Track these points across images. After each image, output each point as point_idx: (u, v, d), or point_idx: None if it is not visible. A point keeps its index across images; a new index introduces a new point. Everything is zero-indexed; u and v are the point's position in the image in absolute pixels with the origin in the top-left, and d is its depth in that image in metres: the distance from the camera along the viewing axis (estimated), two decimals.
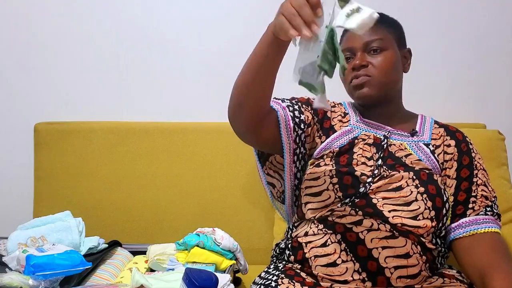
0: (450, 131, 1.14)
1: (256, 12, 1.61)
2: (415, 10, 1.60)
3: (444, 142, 1.11)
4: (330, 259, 0.98)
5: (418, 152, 1.08)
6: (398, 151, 1.07)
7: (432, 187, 1.01)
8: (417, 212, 0.99)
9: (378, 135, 1.10)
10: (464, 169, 1.08)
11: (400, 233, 0.97)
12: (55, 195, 1.56)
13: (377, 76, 1.08)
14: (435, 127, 1.15)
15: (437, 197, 1.01)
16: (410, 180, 1.02)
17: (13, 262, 1.09)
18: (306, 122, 1.10)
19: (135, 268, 1.05)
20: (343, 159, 1.07)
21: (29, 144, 1.62)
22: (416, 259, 0.97)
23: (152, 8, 1.63)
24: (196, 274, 0.91)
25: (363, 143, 1.09)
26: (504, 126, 1.50)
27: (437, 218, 1.00)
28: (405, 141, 1.10)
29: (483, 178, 1.08)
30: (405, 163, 1.05)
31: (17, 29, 1.66)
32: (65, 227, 1.23)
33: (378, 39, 1.09)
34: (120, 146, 1.55)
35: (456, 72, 1.62)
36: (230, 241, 1.18)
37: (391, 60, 1.09)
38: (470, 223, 1.02)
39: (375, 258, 0.96)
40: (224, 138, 1.53)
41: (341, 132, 1.13)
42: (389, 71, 1.09)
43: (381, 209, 0.99)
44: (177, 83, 1.66)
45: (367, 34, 1.07)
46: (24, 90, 1.68)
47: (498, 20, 1.60)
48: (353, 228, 0.99)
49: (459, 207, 1.04)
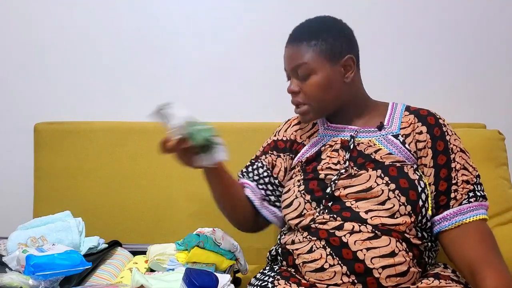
0: (421, 116, 1.07)
1: (256, 12, 1.62)
2: (415, 10, 1.60)
3: (415, 130, 1.05)
4: (317, 264, 0.98)
5: (388, 146, 1.05)
6: (367, 149, 1.05)
7: (404, 181, 0.99)
8: (393, 210, 0.97)
9: (346, 137, 1.09)
10: (441, 155, 1.02)
11: (382, 233, 0.97)
12: (55, 195, 1.56)
13: (313, 103, 1.06)
14: (405, 114, 1.09)
15: (410, 190, 0.98)
16: (379, 178, 1.00)
17: (13, 262, 1.09)
18: (279, 179, 1.19)
19: (135, 268, 1.05)
20: (309, 168, 1.09)
21: (29, 144, 1.62)
22: (402, 256, 0.96)
23: (152, 8, 1.63)
24: (196, 274, 0.91)
25: (330, 150, 1.09)
26: (504, 126, 1.50)
27: (415, 211, 0.98)
28: (373, 137, 1.07)
29: (462, 160, 1.02)
30: (374, 159, 1.03)
31: (17, 29, 1.66)
32: (65, 227, 1.23)
33: (302, 63, 1.03)
34: (120, 146, 1.55)
35: (456, 72, 1.62)
36: (230, 241, 1.18)
37: (322, 84, 1.03)
38: (454, 214, 0.99)
39: (361, 260, 0.95)
40: (224, 138, 1.52)
41: (310, 144, 1.15)
42: (321, 95, 1.04)
43: (357, 211, 0.99)
44: (177, 83, 1.66)
45: (292, 59, 1.05)
46: (24, 90, 1.68)
47: (498, 20, 1.60)
48: (335, 232, 0.98)
49: (441, 197, 1.01)
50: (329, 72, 1.03)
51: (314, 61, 1.03)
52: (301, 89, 1.05)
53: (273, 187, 1.20)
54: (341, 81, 1.05)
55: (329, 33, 1.04)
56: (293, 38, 1.07)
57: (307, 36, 1.04)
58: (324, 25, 1.07)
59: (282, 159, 1.19)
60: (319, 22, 1.08)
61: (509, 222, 1.35)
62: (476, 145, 1.40)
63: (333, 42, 1.03)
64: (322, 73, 1.03)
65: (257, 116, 1.58)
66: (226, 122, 1.57)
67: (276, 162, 1.20)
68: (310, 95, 1.05)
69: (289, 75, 1.09)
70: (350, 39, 1.08)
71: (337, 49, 1.03)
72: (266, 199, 1.21)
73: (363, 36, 1.62)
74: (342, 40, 1.05)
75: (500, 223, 1.34)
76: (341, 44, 1.04)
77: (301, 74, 1.04)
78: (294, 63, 1.05)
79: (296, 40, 1.05)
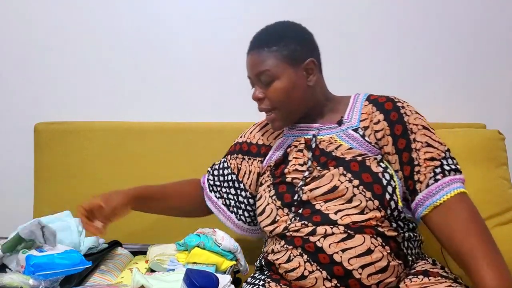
0: (379, 103, 1.05)
1: (256, 12, 1.62)
2: (415, 10, 1.60)
3: (373, 120, 1.04)
4: (297, 273, 0.99)
5: (348, 141, 1.04)
6: (328, 146, 1.05)
7: (366, 175, 0.98)
8: (361, 206, 0.97)
9: (309, 137, 1.09)
10: (400, 140, 1.00)
11: (355, 231, 0.96)
12: (55, 195, 1.56)
13: (278, 109, 1.07)
14: (365, 104, 1.08)
15: (374, 184, 0.97)
16: (342, 176, 1.00)
17: (13, 263, 1.09)
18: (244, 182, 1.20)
19: (135, 269, 1.05)
20: (278, 172, 1.09)
21: (29, 144, 1.62)
22: (379, 252, 0.95)
23: (152, 8, 1.63)
24: (197, 274, 0.92)
25: (295, 150, 1.09)
26: (504, 126, 1.50)
27: (383, 206, 0.97)
28: (334, 133, 1.07)
29: (424, 138, 0.99)
30: (336, 156, 1.03)
31: (17, 29, 1.66)
32: (65, 227, 1.23)
33: (265, 70, 1.04)
34: (120, 146, 1.55)
35: (456, 72, 1.62)
36: (230, 242, 1.18)
37: (285, 89, 1.04)
38: (425, 198, 0.96)
39: (338, 262, 0.95)
40: (224, 138, 1.52)
41: (276, 146, 1.16)
42: (286, 99, 1.05)
43: (327, 212, 0.99)
44: (177, 83, 1.66)
45: (254, 66, 1.06)
46: (24, 90, 1.68)
47: (498, 20, 1.60)
48: (309, 238, 0.98)
49: (409, 182, 0.98)
50: (292, 76, 1.04)
51: (276, 67, 1.03)
52: (266, 95, 1.06)
53: (236, 192, 1.21)
54: (304, 85, 1.06)
55: (289, 38, 1.04)
56: (254, 45, 1.08)
57: (268, 42, 1.04)
58: (283, 30, 1.07)
59: (247, 162, 1.20)
60: (279, 27, 1.08)
61: (509, 222, 1.35)
62: (476, 145, 1.40)
63: (293, 47, 1.04)
64: (285, 78, 1.04)
65: (257, 116, 1.58)
66: (226, 122, 1.57)
67: (241, 165, 1.21)
68: (275, 101, 1.05)
69: (252, 82, 1.10)
70: (310, 42, 1.09)
71: (298, 53, 1.04)
72: (225, 203, 1.24)
73: (363, 36, 1.63)
74: (302, 44, 1.05)
75: (500, 223, 1.34)
76: (301, 48, 1.05)
77: (264, 81, 1.05)
78: (257, 70, 1.05)
79: (257, 47, 1.06)
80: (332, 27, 1.61)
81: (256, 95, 1.07)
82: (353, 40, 1.61)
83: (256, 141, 1.21)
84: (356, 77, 1.61)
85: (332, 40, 1.61)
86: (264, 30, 1.09)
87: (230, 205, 1.23)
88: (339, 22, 1.61)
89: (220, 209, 1.24)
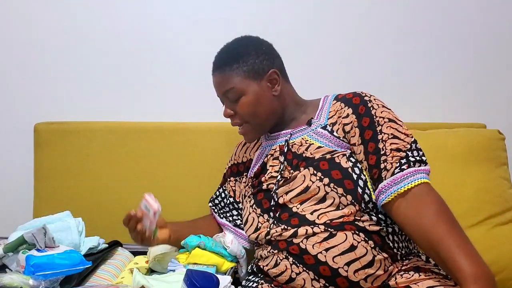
0: (347, 99, 1.07)
1: (256, 12, 1.62)
2: (415, 9, 1.60)
3: (342, 116, 1.06)
4: (285, 276, 1.00)
5: (318, 138, 1.07)
6: (299, 148, 1.08)
7: (336, 172, 1.00)
8: (335, 203, 0.98)
9: (282, 143, 1.12)
10: (367, 131, 1.01)
11: (335, 229, 0.97)
12: (55, 195, 1.56)
13: (249, 122, 1.11)
14: (333, 103, 1.10)
15: (345, 180, 0.99)
16: (313, 176, 1.01)
17: (13, 264, 1.09)
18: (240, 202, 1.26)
19: (136, 269, 1.05)
20: (256, 181, 1.14)
21: (29, 144, 1.62)
22: (362, 247, 0.95)
23: (152, 8, 1.63)
24: (197, 275, 0.92)
25: (272, 159, 1.13)
26: (504, 126, 1.50)
27: (356, 200, 0.97)
28: (304, 134, 1.10)
29: (390, 130, 1.00)
30: (306, 157, 1.05)
31: (17, 29, 1.66)
32: (64, 227, 1.23)
33: (230, 89, 1.09)
34: (120, 146, 1.55)
35: (456, 71, 1.62)
36: (238, 247, 1.19)
37: (252, 103, 1.08)
38: (389, 186, 0.95)
39: (323, 262, 0.96)
40: (224, 138, 1.52)
41: (256, 158, 1.20)
42: (254, 112, 1.09)
43: (303, 213, 1.00)
44: (177, 83, 1.65)
45: (220, 86, 1.11)
46: (24, 90, 1.68)
47: (498, 19, 1.60)
48: (293, 240, 0.99)
49: (374, 171, 0.98)
50: (257, 90, 1.09)
51: (240, 84, 1.08)
52: (235, 111, 1.11)
53: (238, 212, 1.27)
54: (270, 95, 1.10)
55: (248, 55, 1.09)
56: (216, 66, 1.13)
57: (228, 61, 1.10)
58: (241, 47, 1.12)
59: (239, 182, 1.27)
60: (236, 44, 1.14)
61: (509, 222, 1.34)
62: (476, 145, 1.40)
63: (253, 61, 1.09)
64: (250, 93, 1.08)
65: None
66: (226, 122, 1.56)
67: (235, 187, 1.28)
68: (245, 115, 1.10)
69: (222, 100, 1.15)
70: (270, 54, 1.12)
71: (259, 66, 1.09)
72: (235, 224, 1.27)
73: (363, 36, 1.63)
74: (261, 58, 1.09)
75: (500, 223, 1.33)
76: (261, 61, 1.09)
77: (231, 98, 1.10)
78: (223, 89, 1.11)
79: (219, 68, 1.12)
80: (331, 27, 1.61)
81: (227, 112, 1.13)
82: (353, 40, 1.61)
83: (241, 159, 1.27)
84: (356, 77, 1.60)
85: (332, 40, 1.61)
86: (224, 49, 1.15)
87: (237, 225, 1.27)
88: (338, 22, 1.60)
89: (231, 230, 1.28)
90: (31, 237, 1.08)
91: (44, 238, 1.09)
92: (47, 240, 1.09)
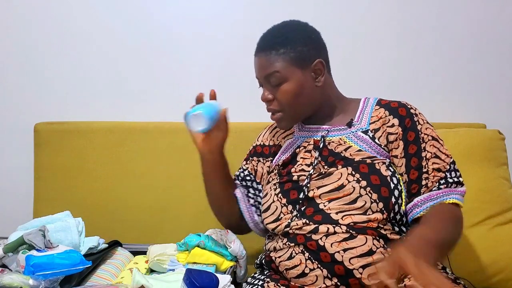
0: (392, 108, 1.07)
1: (257, 12, 1.62)
2: (415, 10, 1.60)
3: (386, 123, 1.06)
4: (298, 270, 0.99)
5: (358, 142, 1.06)
6: (337, 147, 1.06)
7: (375, 177, 1.00)
8: (365, 207, 0.98)
9: (317, 138, 1.10)
10: (411, 145, 1.03)
11: (357, 232, 0.97)
12: (55, 195, 1.56)
13: (287, 110, 1.07)
14: (375, 108, 1.10)
15: (382, 187, 0.99)
16: (350, 175, 1.01)
17: (13, 264, 1.09)
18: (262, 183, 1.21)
19: (135, 269, 1.05)
20: (285, 171, 1.11)
21: (29, 144, 1.62)
22: (380, 253, 0.95)
23: (152, 8, 1.63)
24: (197, 274, 0.92)
25: (304, 151, 1.10)
26: (504, 126, 1.50)
27: (387, 208, 0.98)
28: (343, 135, 1.08)
29: (433, 149, 1.03)
30: (344, 157, 1.04)
31: (17, 29, 1.66)
32: (64, 227, 1.23)
33: (274, 72, 1.04)
34: (120, 146, 1.55)
35: (456, 71, 1.62)
36: (240, 248, 1.18)
37: (294, 91, 1.04)
38: (424, 201, 0.99)
39: (340, 261, 0.95)
40: None
41: (286, 146, 1.16)
42: (295, 101, 1.05)
43: (329, 212, 1.00)
44: (177, 83, 1.66)
45: (263, 68, 1.06)
46: (24, 90, 1.68)
47: (498, 19, 1.60)
48: (312, 236, 0.99)
49: (413, 186, 1.01)
50: (300, 78, 1.04)
51: (285, 69, 1.03)
52: (275, 96, 1.07)
53: (255, 192, 1.21)
54: (313, 86, 1.06)
55: (296, 40, 1.04)
56: (261, 47, 1.08)
57: (275, 45, 1.04)
58: (290, 32, 1.06)
59: (262, 163, 1.22)
60: (285, 29, 1.08)
61: (509, 222, 1.34)
62: (476, 145, 1.40)
63: (301, 49, 1.04)
64: (293, 80, 1.04)
65: (257, 117, 1.58)
66: None
67: (257, 167, 1.22)
68: (284, 102, 1.06)
69: (261, 83, 1.10)
70: (318, 43, 1.08)
71: (306, 55, 1.04)
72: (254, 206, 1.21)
73: (363, 36, 1.63)
74: (310, 46, 1.05)
75: (500, 223, 1.33)
76: (309, 49, 1.05)
77: (273, 82, 1.05)
78: (265, 72, 1.05)
79: (264, 50, 1.06)
80: (331, 27, 1.60)
81: (266, 96, 1.08)
82: (353, 40, 1.61)
83: (268, 142, 1.23)
84: (356, 77, 1.60)
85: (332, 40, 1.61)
86: (271, 31, 1.09)
87: (251, 203, 1.22)
88: (339, 22, 1.60)
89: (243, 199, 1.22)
90: (29, 240, 1.08)
91: (44, 239, 1.09)
92: (46, 241, 1.09)
